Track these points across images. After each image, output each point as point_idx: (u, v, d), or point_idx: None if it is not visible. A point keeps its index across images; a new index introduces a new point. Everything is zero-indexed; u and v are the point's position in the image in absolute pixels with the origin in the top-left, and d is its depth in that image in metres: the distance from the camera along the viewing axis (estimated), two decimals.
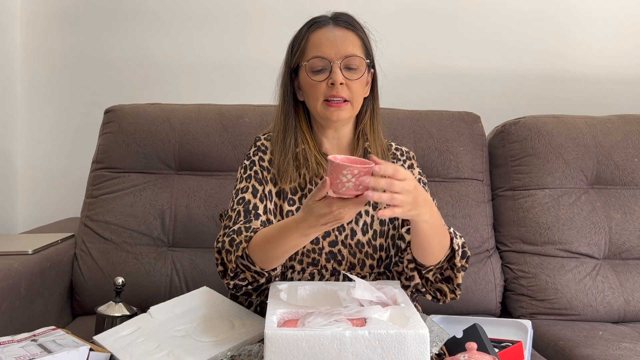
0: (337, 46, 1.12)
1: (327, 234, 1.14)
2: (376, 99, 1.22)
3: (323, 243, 1.14)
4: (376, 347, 0.81)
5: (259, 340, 1.02)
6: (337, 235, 1.15)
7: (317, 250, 1.14)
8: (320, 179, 1.17)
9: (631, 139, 1.68)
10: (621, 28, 2.04)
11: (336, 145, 1.21)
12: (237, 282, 1.07)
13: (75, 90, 1.96)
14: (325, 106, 1.12)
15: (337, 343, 0.81)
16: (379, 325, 0.84)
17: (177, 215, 1.56)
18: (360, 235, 1.16)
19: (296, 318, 0.89)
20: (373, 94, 1.21)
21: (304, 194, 1.17)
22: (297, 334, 0.81)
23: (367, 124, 1.21)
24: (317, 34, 1.15)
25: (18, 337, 1.01)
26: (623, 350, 1.30)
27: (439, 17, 2.00)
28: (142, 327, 1.06)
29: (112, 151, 1.60)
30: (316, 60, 1.12)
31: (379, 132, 1.22)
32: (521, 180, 1.65)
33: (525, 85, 2.03)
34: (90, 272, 1.51)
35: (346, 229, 1.15)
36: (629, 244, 1.60)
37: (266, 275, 1.05)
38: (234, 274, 1.06)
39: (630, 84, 2.05)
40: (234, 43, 1.98)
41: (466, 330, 1.06)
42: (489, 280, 1.58)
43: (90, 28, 1.95)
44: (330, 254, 1.14)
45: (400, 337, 0.81)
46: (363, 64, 1.14)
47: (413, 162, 1.27)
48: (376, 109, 1.22)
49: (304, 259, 1.13)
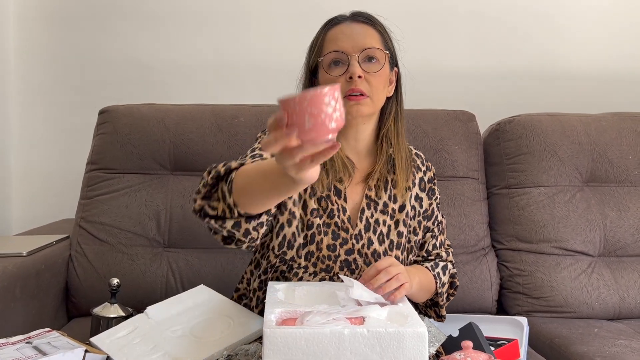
0: (354, 39, 1.07)
1: (345, 241, 1.10)
2: (400, 100, 1.16)
3: (339, 250, 1.10)
4: (375, 346, 0.81)
5: (256, 339, 1.02)
6: (354, 244, 1.10)
7: (333, 257, 1.10)
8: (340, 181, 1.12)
9: (625, 137, 1.68)
10: (615, 26, 2.05)
11: (354, 148, 1.14)
12: (207, 206, 0.94)
13: (70, 91, 1.95)
14: (345, 101, 1.03)
15: (336, 341, 0.81)
16: (378, 323, 0.84)
17: (173, 216, 1.55)
18: (377, 244, 1.12)
19: (294, 317, 0.89)
20: (397, 94, 1.15)
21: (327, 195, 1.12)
22: (296, 332, 0.81)
23: (391, 127, 1.14)
24: (334, 29, 1.10)
25: (13, 339, 1.00)
26: (619, 347, 1.31)
27: (433, 16, 2.00)
28: (139, 328, 1.06)
29: (107, 152, 1.60)
30: (333, 55, 1.07)
31: (403, 137, 1.16)
32: (516, 178, 1.65)
33: (519, 83, 2.03)
34: (86, 273, 1.50)
35: (363, 237, 1.11)
36: (623, 241, 1.61)
37: (236, 217, 0.91)
38: (208, 195, 0.95)
39: (624, 82, 2.06)
40: (229, 43, 1.97)
41: (462, 329, 1.07)
42: (484, 278, 1.58)
43: (84, 28, 1.94)
44: (345, 262, 1.10)
45: (399, 335, 0.81)
46: (383, 56, 1.08)
47: (433, 185, 1.23)
48: (400, 111, 1.15)
49: (318, 263, 1.10)
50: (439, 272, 1.17)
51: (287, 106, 0.65)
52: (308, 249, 1.09)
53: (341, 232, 1.10)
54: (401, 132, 1.15)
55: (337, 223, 1.10)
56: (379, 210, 1.13)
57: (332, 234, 1.10)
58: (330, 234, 1.10)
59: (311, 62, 1.13)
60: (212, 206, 0.93)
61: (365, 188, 1.14)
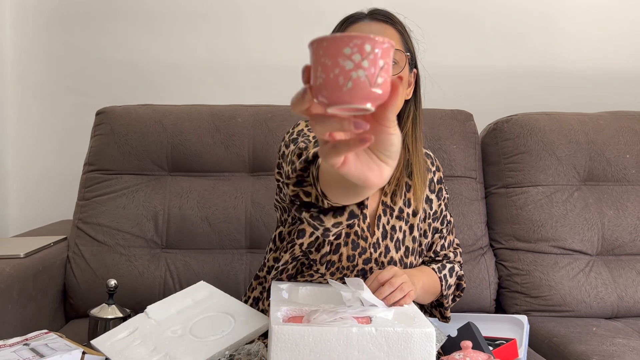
0: None
1: (363, 250, 1.07)
2: (419, 103, 1.11)
3: (358, 260, 1.07)
4: (382, 345, 0.80)
5: (259, 337, 1.01)
6: (371, 253, 1.08)
7: (351, 267, 1.08)
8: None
9: (622, 136, 1.69)
10: (612, 25, 2.05)
11: None
12: (301, 192, 0.85)
13: (67, 92, 1.95)
14: None
15: (344, 339, 0.80)
16: (386, 323, 0.84)
17: (171, 217, 1.55)
18: (394, 252, 1.10)
19: (300, 315, 0.89)
20: (415, 97, 1.10)
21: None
22: (304, 329, 0.80)
23: (409, 132, 1.09)
24: (352, 28, 1.06)
25: (10, 341, 1.00)
26: (617, 345, 1.31)
27: (430, 15, 2.00)
28: (139, 329, 1.05)
29: (104, 153, 1.59)
30: None
31: (422, 142, 1.12)
32: (514, 177, 1.65)
33: (517, 82, 2.04)
34: (84, 274, 1.50)
35: (381, 245, 1.09)
36: (621, 240, 1.61)
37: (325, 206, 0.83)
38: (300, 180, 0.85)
39: (621, 81, 2.07)
40: (226, 43, 1.97)
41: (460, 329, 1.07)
42: (483, 277, 1.58)
43: (81, 29, 1.94)
44: (361, 271, 1.08)
45: (406, 335, 0.81)
46: (403, 58, 1.04)
47: (442, 186, 1.20)
48: (419, 114, 1.10)
49: (336, 273, 1.08)
50: (446, 274, 1.16)
51: (311, 51, 0.51)
52: (330, 257, 1.07)
53: (360, 240, 1.08)
54: (419, 136, 1.11)
55: (356, 232, 1.08)
56: (395, 216, 1.11)
57: (352, 243, 1.07)
58: (350, 243, 1.07)
59: None
60: (306, 192, 0.85)
61: (381, 194, 1.12)
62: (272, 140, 1.60)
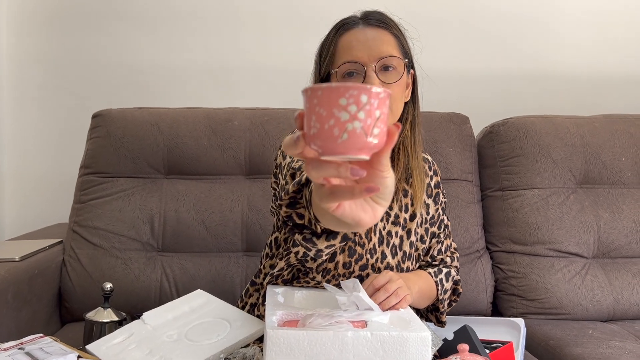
0: (369, 47, 0.99)
1: (360, 257, 1.06)
2: (417, 104, 1.09)
3: (354, 267, 1.06)
4: (378, 349, 0.80)
5: (254, 342, 1.01)
6: (368, 259, 1.07)
7: (347, 274, 1.07)
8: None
9: (618, 138, 1.69)
10: (607, 29, 2.06)
11: None
12: (294, 214, 0.86)
13: (63, 95, 1.95)
14: None
15: (339, 343, 0.80)
16: (381, 327, 0.83)
17: (167, 220, 1.55)
18: (390, 257, 1.09)
19: (296, 319, 0.88)
20: (413, 98, 1.09)
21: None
22: (299, 333, 0.80)
23: (407, 135, 1.07)
24: (347, 36, 1.02)
25: (5, 345, 0.99)
26: (613, 348, 1.31)
27: (425, 19, 2.00)
28: (135, 334, 1.05)
29: (100, 156, 1.59)
30: (347, 65, 1.00)
31: (420, 145, 1.09)
32: (510, 180, 1.65)
33: (513, 86, 2.04)
34: (79, 278, 1.50)
35: (377, 251, 1.08)
36: (617, 243, 1.61)
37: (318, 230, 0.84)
38: (293, 202, 0.86)
39: (617, 83, 2.07)
40: (223, 46, 1.97)
41: (457, 331, 1.07)
42: (479, 280, 1.59)
43: (77, 31, 1.94)
44: (358, 278, 1.07)
45: (402, 339, 0.80)
46: (401, 64, 1.02)
47: (439, 190, 1.18)
48: (417, 116, 1.08)
49: (332, 280, 1.07)
50: (442, 279, 1.16)
51: (304, 99, 0.50)
52: (326, 265, 1.07)
53: (357, 247, 1.07)
54: (418, 139, 1.08)
55: (353, 239, 1.06)
56: (390, 221, 1.10)
57: (349, 250, 1.06)
58: (347, 250, 1.06)
59: (323, 71, 1.05)
60: (299, 214, 0.86)
61: None
62: (268, 143, 1.60)
